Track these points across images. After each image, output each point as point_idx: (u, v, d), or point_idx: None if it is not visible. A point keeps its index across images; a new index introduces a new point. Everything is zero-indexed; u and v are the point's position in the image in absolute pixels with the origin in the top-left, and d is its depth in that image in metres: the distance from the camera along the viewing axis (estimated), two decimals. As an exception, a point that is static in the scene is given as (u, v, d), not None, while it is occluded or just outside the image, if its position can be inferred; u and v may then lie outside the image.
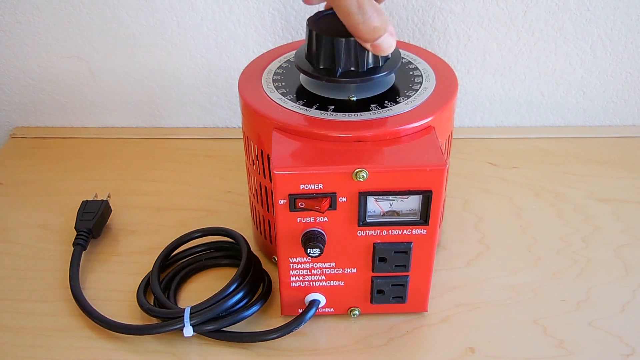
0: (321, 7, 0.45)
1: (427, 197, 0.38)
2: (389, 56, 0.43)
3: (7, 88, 0.69)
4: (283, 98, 0.44)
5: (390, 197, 0.39)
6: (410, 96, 0.43)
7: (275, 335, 0.43)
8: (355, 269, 0.42)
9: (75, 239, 0.51)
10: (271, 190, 0.41)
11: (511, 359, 0.43)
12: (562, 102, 0.68)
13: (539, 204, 0.57)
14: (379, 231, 0.40)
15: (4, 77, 0.68)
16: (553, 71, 0.66)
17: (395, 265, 0.42)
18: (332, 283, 0.43)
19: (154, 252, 0.49)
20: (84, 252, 0.51)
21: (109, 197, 0.56)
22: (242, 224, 0.53)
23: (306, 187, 0.38)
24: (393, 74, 0.45)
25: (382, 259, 0.42)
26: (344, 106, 0.42)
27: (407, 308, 0.45)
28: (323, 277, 0.43)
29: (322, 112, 0.42)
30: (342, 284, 0.43)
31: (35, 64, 0.67)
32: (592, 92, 0.68)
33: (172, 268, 0.50)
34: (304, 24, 0.62)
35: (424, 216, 0.40)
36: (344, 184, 0.38)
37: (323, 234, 0.40)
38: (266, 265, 0.49)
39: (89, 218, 0.53)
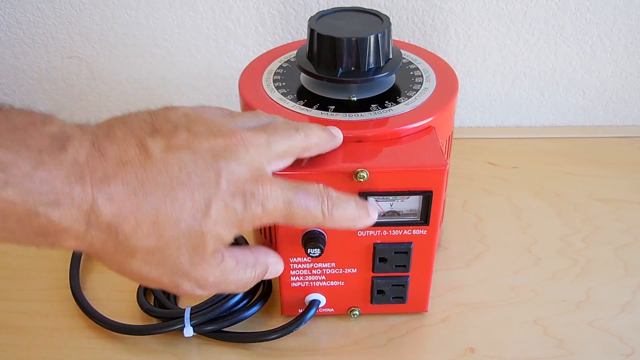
0: (322, 7, 0.45)
1: (427, 198, 0.38)
2: (391, 56, 0.43)
3: (7, 88, 0.69)
4: (283, 98, 0.44)
5: (391, 197, 0.39)
6: (411, 96, 0.43)
7: (275, 336, 0.43)
8: (355, 269, 0.42)
9: (76, 239, 0.51)
10: (271, 191, 0.41)
11: (511, 359, 0.43)
12: (562, 102, 0.68)
13: (539, 204, 0.57)
14: (379, 231, 0.40)
15: (4, 77, 0.68)
16: (553, 71, 0.66)
17: (396, 266, 0.42)
18: (332, 283, 0.43)
19: (154, 252, 0.49)
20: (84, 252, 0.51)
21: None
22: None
23: (306, 187, 0.38)
24: (394, 74, 0.45)
25: (382, 259, 0.42)
26: (344, 106, 0.42)
27: (407, 308, 0.45)
28: (323, 277, 0.43)
29: (323, 112, 0.42)
30: (342, 284, 0.43)
31: (35, 64, 0.67)
32: (592, 92, 0.68)
33: (172, 268, 0.50)
34: (304, 24, 0.62)
35: (424, 216, 0.40)
36: (344, 184, 0.38)
37: (323, 234, 0.40)
38: (266, 265, 0.49)
39: (89, 218, 0.52)
